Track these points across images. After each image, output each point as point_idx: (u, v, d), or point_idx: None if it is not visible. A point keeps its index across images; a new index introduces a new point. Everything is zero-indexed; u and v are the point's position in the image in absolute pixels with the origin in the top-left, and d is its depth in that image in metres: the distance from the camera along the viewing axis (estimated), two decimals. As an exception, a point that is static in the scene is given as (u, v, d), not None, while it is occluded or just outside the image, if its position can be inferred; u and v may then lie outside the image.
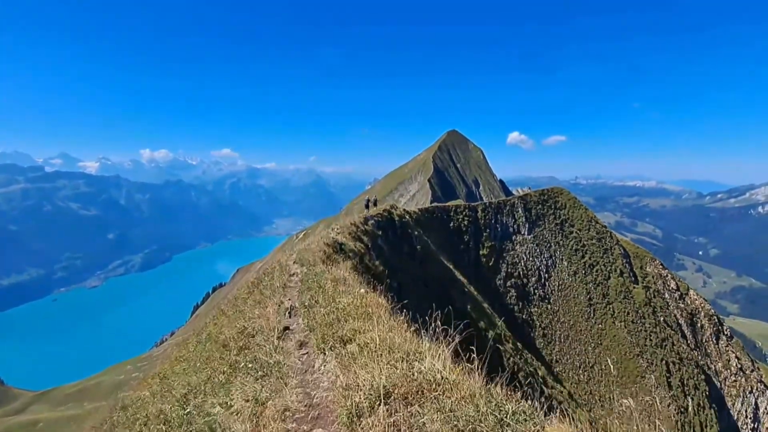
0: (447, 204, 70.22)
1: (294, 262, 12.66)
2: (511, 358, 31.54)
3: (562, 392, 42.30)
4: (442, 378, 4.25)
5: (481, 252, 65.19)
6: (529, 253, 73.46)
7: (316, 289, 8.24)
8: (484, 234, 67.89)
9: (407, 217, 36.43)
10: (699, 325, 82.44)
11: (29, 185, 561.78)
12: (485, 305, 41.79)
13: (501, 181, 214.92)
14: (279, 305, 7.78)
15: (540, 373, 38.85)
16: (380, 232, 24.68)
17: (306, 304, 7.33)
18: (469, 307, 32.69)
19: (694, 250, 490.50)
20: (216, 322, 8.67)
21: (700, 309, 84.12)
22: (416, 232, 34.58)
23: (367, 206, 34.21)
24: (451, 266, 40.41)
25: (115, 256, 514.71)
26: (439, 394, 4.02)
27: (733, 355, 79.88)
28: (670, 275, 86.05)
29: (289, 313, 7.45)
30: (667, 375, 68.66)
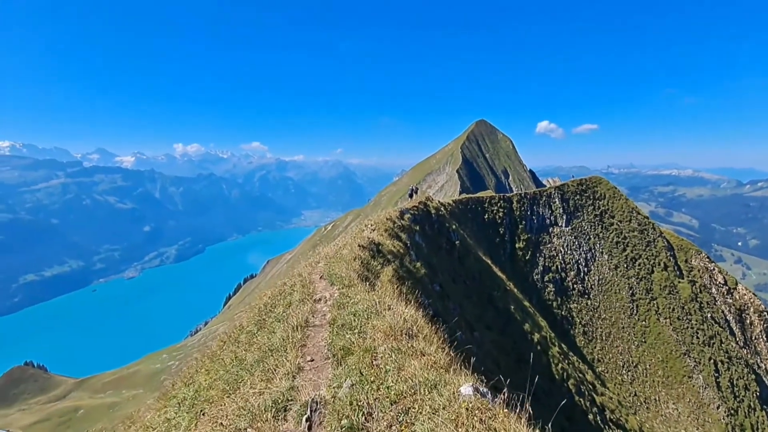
0: (481, 195, 67.76)
1: (321, 277, 9.71)
2: (560, 364, 29.38)
3: (611, 399, 39.81)
4: None
5: (517, 245, 62.49)
6: (567, 246, 70.19)
7: (359, 354, 5.09)
8: (520, 226, 65.12)
9: (443, 209, 34.56)
10: (748, 321, 77.67)
11: (69, 180, 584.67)
12: (526, 303, 39.58)
13: (531, 171, 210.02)
14: (291, 378, 4.76)
15: (588, 378, 36.48)
16: (417, 227, 22.91)
17: (345, 422, 3.85)
18: (512, 307, 30.58)
19: (732, 241, 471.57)
20: (209, 369, 6.32)
21: (750, 304, 79.17)
22: (453, 226, 32.70)
23: (411, 195, 32.44)
24: (488, 261, 38.38)
25: (150, 248, 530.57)
26: None
27: (786, 353, 75.03)
28: (717, 269, 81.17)
29: (308, 421, 4.04)
30: (716, 375, 64.76)
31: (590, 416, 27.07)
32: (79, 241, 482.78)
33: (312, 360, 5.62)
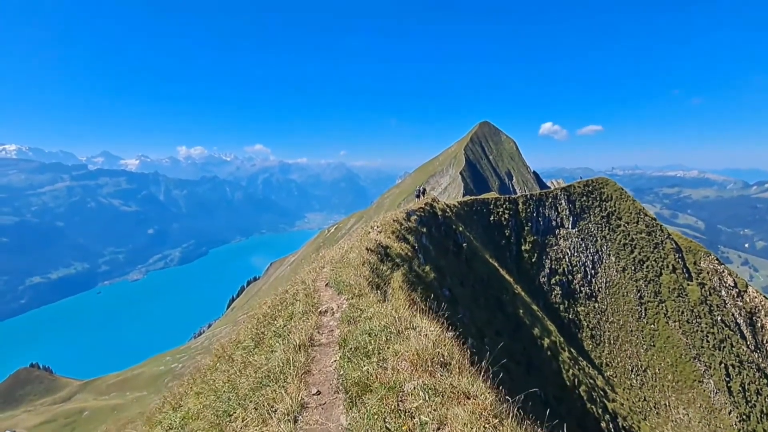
0: (486, 196, 67.01)
1: (326, 285, 8.67)
2: (570, 370, 28.57)
3: (622, 405, 38.88)
4: None
5: (523, 247, 61.62)
6: (573, 248, 69.25)
7: (381, 392, 3.82)
8: (526, 228, 64.24)
9: (449, 211, 33.86)
10: (759, 324, 76.35)
11: (74, 183, 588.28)
12: (534, 307, 38.77)
13: (534, 173, 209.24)
14: (292, 420, 3.66)
15: (599, 384, 35.59)
16: (424, 229, 22.24)
17: None
18: (521, 311, 29.83)
19: (739, 243, 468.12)
20: (199, 392, 5.39)
21: (761, 307, 77.87)
22: (460, 228, 32.01)
23: (418, 196, 31.81)
24: (496, 264, 37.62)
25: (155, 251, 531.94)
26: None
27: (798, 357, 73.63)
28: (726, 271, 79.94)
29: None
30: (727, 379, 63.53)
31: (603, 424, 26.30)
32: (84, 243, 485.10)
33: (318, 393, 4.42)
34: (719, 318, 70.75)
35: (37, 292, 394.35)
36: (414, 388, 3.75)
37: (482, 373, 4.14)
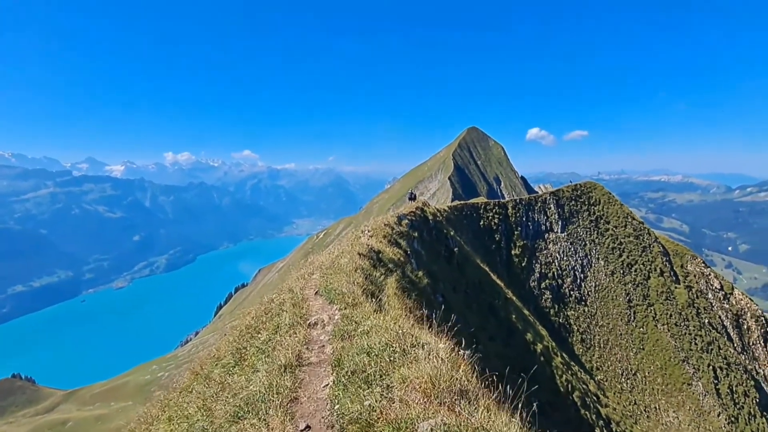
0: (476, 201, 66.89)
1: (316, 293, 7.81)
2: (563, 375, 28.27)
3: (615, 410, 38.72)
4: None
5: (513, 252, 61.55)
6: (563, 252, 69.39)
7: (386, 431, 2.97)
8: (516, 232, 64.20)
9: (439, 215, 33.52)
10: (745, 326, 77.25)
11: (58, 189, 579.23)
12: (526, 312, 38.52)
13: (522, 178, 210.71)
14: None
15: (592, 389, 35.35)
16: (416, 234, 21.83)
17: None
18: (513, 316, 29.54)
19: (723, 246, 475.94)
20: (171, 417, 4.66)
21: (746, 309, 78.84)
22: (451, 232, 31.68)
23: (411, 198, 31.36)
24: (487, 269, 37.34)
25: (140, 258, 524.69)
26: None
27: (783, 358, 74.51)
28: (713, 274, 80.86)
29: None
30: (715, 382, 63.92)
31: (597, 430, 25.98)
32: (68, 251, 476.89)
33: (307, 428, 3.58)
34: (706, 320, 71.35)
35: (20, 301, 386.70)
36: (432, 430, 2.76)
37: (508, 403, 3.42)
